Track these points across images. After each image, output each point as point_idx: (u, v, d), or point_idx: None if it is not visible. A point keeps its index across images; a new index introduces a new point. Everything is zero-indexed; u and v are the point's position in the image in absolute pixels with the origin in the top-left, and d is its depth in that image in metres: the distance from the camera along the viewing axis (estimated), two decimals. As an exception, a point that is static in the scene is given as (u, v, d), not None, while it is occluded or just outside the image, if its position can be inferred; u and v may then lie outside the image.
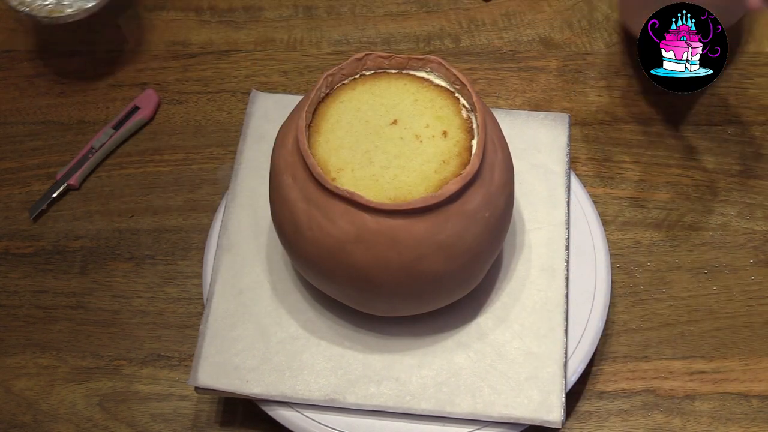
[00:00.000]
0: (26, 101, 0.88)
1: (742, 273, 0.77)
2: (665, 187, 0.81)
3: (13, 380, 0.73)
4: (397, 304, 0.64)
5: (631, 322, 0.75)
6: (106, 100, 0.87)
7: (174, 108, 0.87)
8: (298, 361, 0.67)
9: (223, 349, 0.67)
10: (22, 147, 0.85)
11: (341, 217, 0.59)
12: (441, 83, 0.65)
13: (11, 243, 0.80)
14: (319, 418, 0.66)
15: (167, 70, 0.89)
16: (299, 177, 0.61)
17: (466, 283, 0.65)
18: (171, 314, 0.76)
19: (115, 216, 0.81)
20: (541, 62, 0.89)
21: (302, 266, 0.65)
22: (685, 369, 0.73)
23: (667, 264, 0.77)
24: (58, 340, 0.75)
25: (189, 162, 0.83)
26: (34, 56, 0.90)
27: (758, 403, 0.71)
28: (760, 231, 0.79)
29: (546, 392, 0.65)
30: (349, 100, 0.64)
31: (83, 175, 0.82)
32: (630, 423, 0.71)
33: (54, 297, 0.77)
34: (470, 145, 0.62)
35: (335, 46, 0.90)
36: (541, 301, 0.69)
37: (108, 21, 0.92)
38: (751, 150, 0.83)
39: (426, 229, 0.59)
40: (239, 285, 0.70)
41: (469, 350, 0.68)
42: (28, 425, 0.71)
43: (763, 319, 0.75)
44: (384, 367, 0.67)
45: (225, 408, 0.71)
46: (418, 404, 0.65)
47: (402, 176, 0.61)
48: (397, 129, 0.63)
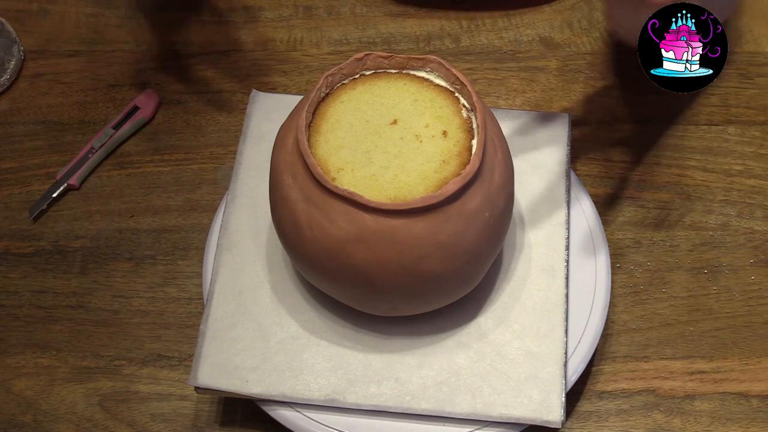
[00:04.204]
0: (26, 101, 0.88)
1: (742, 273, 0.77)
2: (665, 187, 0.81)
3: (13, 380, 0.73)
4: (397, 304, 0.64)
5: (631, 322, 0.75)
6: (106, 100, 0.87)
7: (174, 108, 0.87)
8: (298, 361, 0.67)
9: (223, 349, 0.67)
10: (22, 147, 0.85)
11: (341, 217, 0.59)
12: (441, 83, 0.65)
13: (11, 243, 0.80)
14: (319, 418, 0.66)
15: (167, 70, 0.89)
16: (299, 177, 0.61)
17: (466, 283, 0.65)
18: (171, 314, 0.76)
19: (115, 216, 0.81)
20: (541, 62, 0.89)
21: (302, 266, 0.65)
22: (685, 369, 0.73)
23: (667, 264, 0.77)
24: (58, 340, 0.75)
25: (189, 162, 0.83)
26: (35, 56, 0.90)
27: (758, 403, 0.71)
28: (760, 231, 0.79)
29: (546, 392, 0.65)
30: (349, 100, 0.64)
31: (83, 175, 0.82)
32: (630, 423, 0.71)
33: (54, 297, 0.77)
34: (470, 145, 0.62)
35: (335, 46, 0.90)
36: (541, 301, 0.69)
37: (108, 21, 0.92)
38: (751, 150, 0.83)
39: (426, 229, 0.59)
40: (239, 285, 0.70)
41: (469, 350, 0.68)
42: (28, 425, 0.71)
43: (763, 319, 0.75)
44: (384, 367, 0.67)
45: (225, 408, 0.71)
46: (418, 404, 0.65)
47: (402, 176, 0.61)
48: (397, 129, 0.63)
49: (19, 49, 0.89)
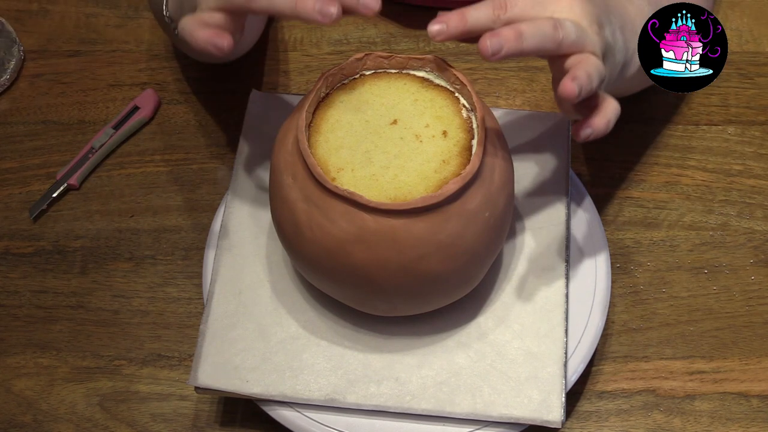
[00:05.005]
0: (26, 101, 0.88)
1: (742, 273, 0.77)
2: (665, 187, 0.81)
3: (13, 380, 0.73)
4: (398, 304, 0.64)
5: (631, 322, 0.75)
6: (106, 100, 0.87)
7: (174, 108, 0.87)
8: (298, 361, 0.67)
9: (223, 349, 0.67)
10: (22, 147, 0.85)
11: (341, 217, 0.59)
12: (441, 83, 0.65)
13: (11, 243, 0.80)
14: (319, 418, 0.66)
15: (167, 70, 0.89)
16: (299, 177, 0.61)
17: (466, 283, 0.65)
18: (171, 314, 0.76)
19: (115, 216, 0.81)
20: (541, 62, 0.88)
21: (302, 266, 0.65)
22: (685, 369, 0.73)
23: (667, 264, 0.77)
24: (58, 340, 0.75)
25: (189, 162, 0.83)
26: (35, 56, 0.90)
27: (758, 403, 0.71)
28: (760, 231, 0.79)
29: (546, 392, 0.65)
30: (349, 100, 0.64)
31: (83, 175, 0.82)
32: (630, 423, 0.71)
33: (54, 297, 0.77)
34: (470, 145, 0.62)
35: (335, 46, 0.90)
36: (541, 301, 0.69)
37: (108, 21, 0.92)
38: (751, 150, 0.83)
39: (426, 229, 0.59)
40: (239, 285, 0.70)
41: (469, 350, 0.68)
42: (28, 425, 0.71)
43: (763, 319, 0.75)
44: (384, 367, 0.67)
45: (225, 408, 0.71)
46: (418, 404, 0.65)
47: (402, 176, 0.61)
48: (397, 129, 0.63)
49: (19, 49, 0.89)
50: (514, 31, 0.56)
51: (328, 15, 0.58)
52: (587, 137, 0.59)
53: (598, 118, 0.59)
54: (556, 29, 0.57)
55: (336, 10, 0.58)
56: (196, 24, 0.60)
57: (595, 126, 0.58)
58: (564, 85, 0.55)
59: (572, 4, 0.60)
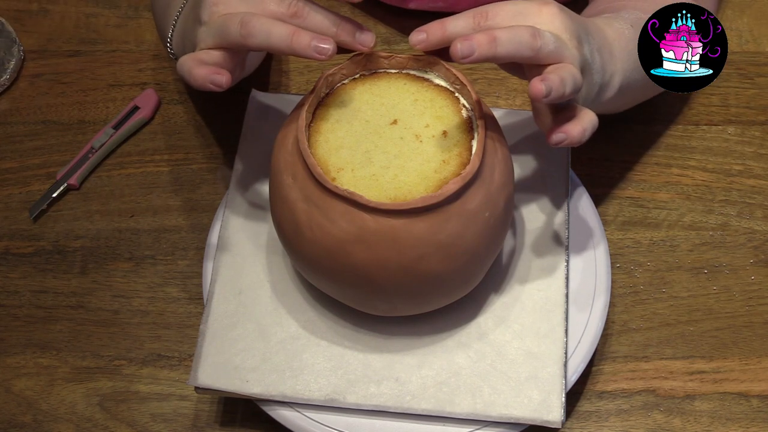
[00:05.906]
0: (26, 101, 0.88)
1: (742, 273, 0.77)
2: (665, 187, 0.81)
3: (13, 380, 0.73)
4: (398, 304, 0.64)
5: (631, 322, 0.75)
6: (106, 100, 0.87)
7: (174, 108, 0.87)
8: (298, 361, 0.67)
9: (223, 349, 0.67)
10: (22, 147, 0.85)
11: (341, 217, 0.59)
12: (441, 83, 0.65)
13: (11, 243, 0.80)
14: (319, 418, 0.66)
15: (167, 70, 0.89)
16: (299, 177, 0.61)
17: (466, 283, 0.65)
18: (171, 314, 0.76)
19: (115, 216, 0.81)
20: (541, 62, 0.89)
21: (302, 266, 0.65)
22: (685, 369, 0.73)
23: (667, 264, 0.77)
24: (58, 340, 0.75)
25: (189, 162, 0.83)
26: (34, 56, 0.90)
27: (758, 403, 0.71)
28: (760, 231, 0.79)
29: (546, 392, 0.65)
30: (349, 100, 0.64)
31: (83, 175, 0.82)
32: (630, 423, 0.71)
33: (54, 297, 0.77)
34: (470, 145, 0.62)
35: (335, 46, 0.90)
36: (541, 301, 0.69)
37: (108, 21, 0.92)
38: (751, 150, 0.83)
39: (426, 229, 0.59)
40: (239, 285, 0.70)
41: (469, 350, 0.68)
42: (28, 425, 0.71)
43: (763, 319, 0.75)
44: (384, 367, 0.67)
45: (225, 408, 0.71)
46: (418, 404, 0.65)
47: (402, 176, 0.61)
48: (397, 129, 0.63)
49: (19, 49, 0.89)
50: (487, 36, 0.57)
51: (323, 52, 0.60)
52: (559, 142, 0.59)
53: (573, 125, 0.59)
54: (534, 37, 0.58)
55: (331, 47, 0.60)
56: (194, 62, 0.61)
57: (569, 132, 0.59)
58: (533, 84, 0.56)
59: (553, 18, 0.60)
